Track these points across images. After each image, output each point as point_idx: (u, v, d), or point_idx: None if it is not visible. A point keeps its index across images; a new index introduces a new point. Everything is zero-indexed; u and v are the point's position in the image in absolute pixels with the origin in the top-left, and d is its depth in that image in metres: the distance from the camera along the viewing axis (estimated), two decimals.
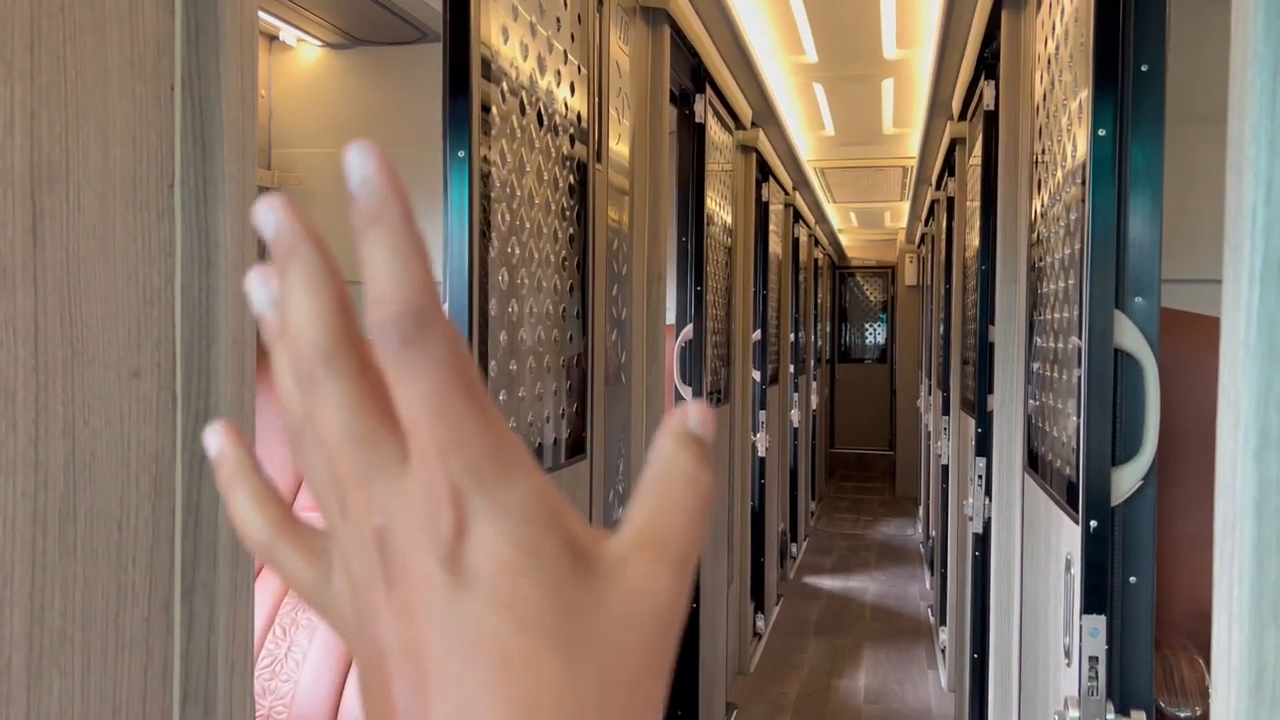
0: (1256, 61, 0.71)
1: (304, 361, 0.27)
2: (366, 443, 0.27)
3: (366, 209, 0.27)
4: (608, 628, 0.26)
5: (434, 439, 0.26)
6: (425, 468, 0.26)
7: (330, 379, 0.27)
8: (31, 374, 0.73)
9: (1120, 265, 1.31)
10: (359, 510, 0.27)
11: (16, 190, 0.71)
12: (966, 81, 3.18)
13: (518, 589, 0.26)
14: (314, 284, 0.28)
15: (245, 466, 0.31)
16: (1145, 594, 1.32)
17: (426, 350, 0.26)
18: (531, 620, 0.25)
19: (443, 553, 0.26)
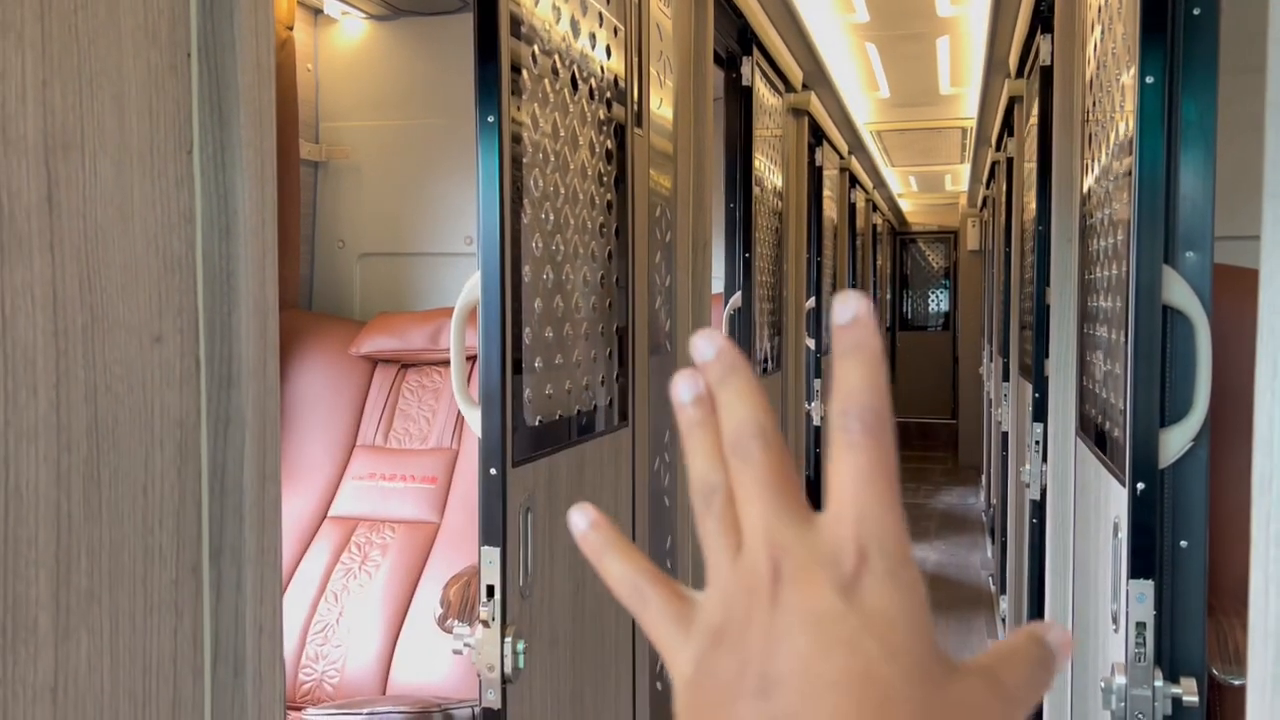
0: None
1: (742, 438, 0.36)
2: (781, 497, 0.35)
3: (850, 339, 0.35)
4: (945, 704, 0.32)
5: (855, 505, 0.34)
6: (838, 525, 0.34)
7: (763, 449, 0.35)
8: (51, 340, 0.74)
9: (1170, 219, 1.26)
10: (757, 547, 0.35)
11: (30, 158, 0.72)
12: (1023, 37, 3.09)
13: (894, 629, 0.32)
14: (754, 389, 0.36)
15: (611, 539, 0.40)
16: (1197, 558, 1.28)
17: (878, 440, 0.34)
18: (899, 654, 0.32)
19: (841, 584, 0.33)
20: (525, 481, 1.48)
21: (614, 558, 0.40)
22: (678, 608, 0.38)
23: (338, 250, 2.83)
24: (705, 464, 0.37)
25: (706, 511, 0.37)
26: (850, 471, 0.34)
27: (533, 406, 1.52)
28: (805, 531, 0.34)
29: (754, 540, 0.35)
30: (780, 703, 0.32)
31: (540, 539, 1.53)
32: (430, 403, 2.40)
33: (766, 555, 0.34)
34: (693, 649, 0.36)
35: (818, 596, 0.33)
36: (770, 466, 0.35)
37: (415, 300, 2.77)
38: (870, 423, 0.34)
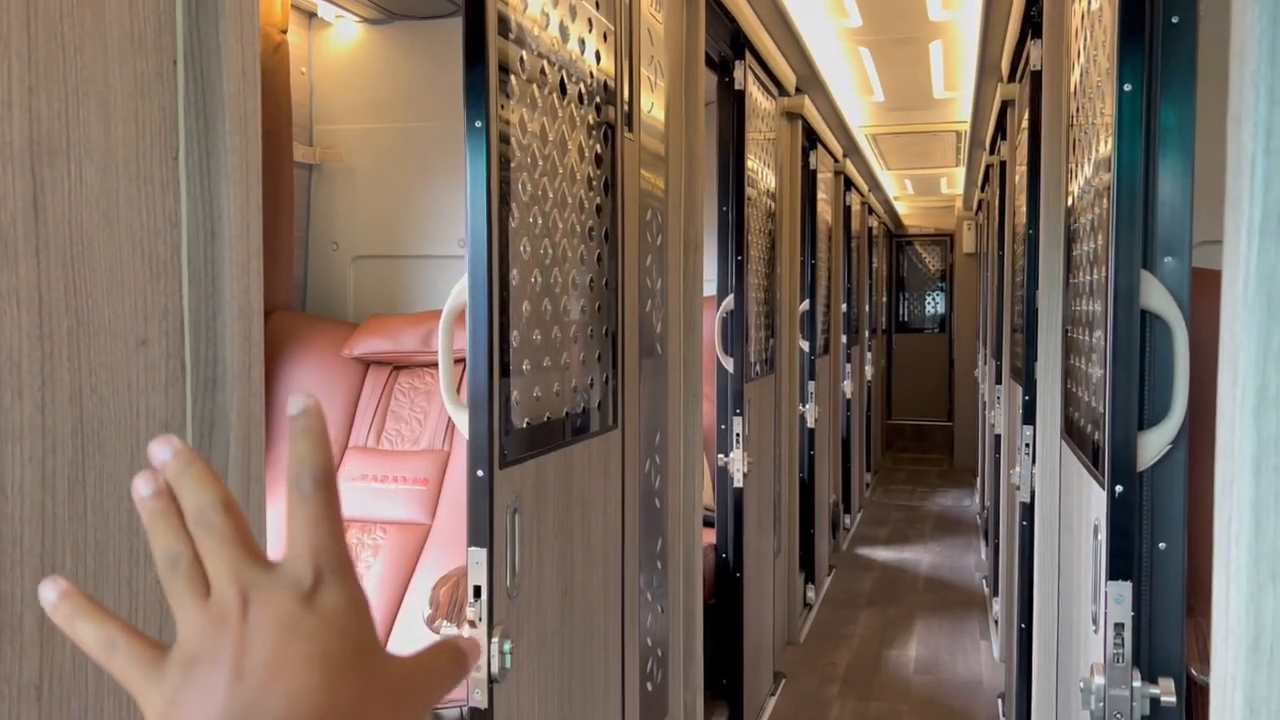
0: (1255, 6, 0.68)
1: (205, 510, 0.42)
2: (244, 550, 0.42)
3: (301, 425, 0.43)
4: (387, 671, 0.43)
5: (310, 540, 0.42)
6: (297, 559, 0.42)
7: (224, 516, 0.42)
8: (37, 343, 0.75)
9: (1149, 225, 1.27)
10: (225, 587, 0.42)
11: (16, 165, 0.73)
12: (1014, 42, 3.10)
13: (345, 623, 0.42)
14: (212, 476, 0.43)
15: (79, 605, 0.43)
16: (1175, 560, 1.29)
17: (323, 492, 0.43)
18: (349, 638, 0.42)
19: (302, 595, 0.42)
20: (513, 483, 1.49)
21: (83, 621, 0.43)
22: (149, 654, 0.42)
23: (331, 252, 2.84)
24: (170, 538, 0.42)
25: (174, 574, 0.42)
26: (304, 516, 0.42)
27: (521, 409, 1.53)
28: (269, 570, 0.42)
29: (222, 584, 0.42)
30: (252, 682, 0.40)
31: (528, 540, 1.54)
32: (422, 404, 2.41)
33: (236, 590, 0.42)
34: (167, 684, 0.41)
35: (283, 607, 0.41)
36: (231, 529, 0.42)
37: (408, 303, 2.78)
38: (320, 478, 0.43)
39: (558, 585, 1.67)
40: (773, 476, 3.86)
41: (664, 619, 2.33)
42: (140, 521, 0.84)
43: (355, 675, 0.41)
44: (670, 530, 2.36)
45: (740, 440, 3.13)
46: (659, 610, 2.31)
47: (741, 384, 3.15)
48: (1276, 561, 0.69)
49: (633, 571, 2.07)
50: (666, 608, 2.34)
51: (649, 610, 2.25)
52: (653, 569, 2.28)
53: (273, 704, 0.40)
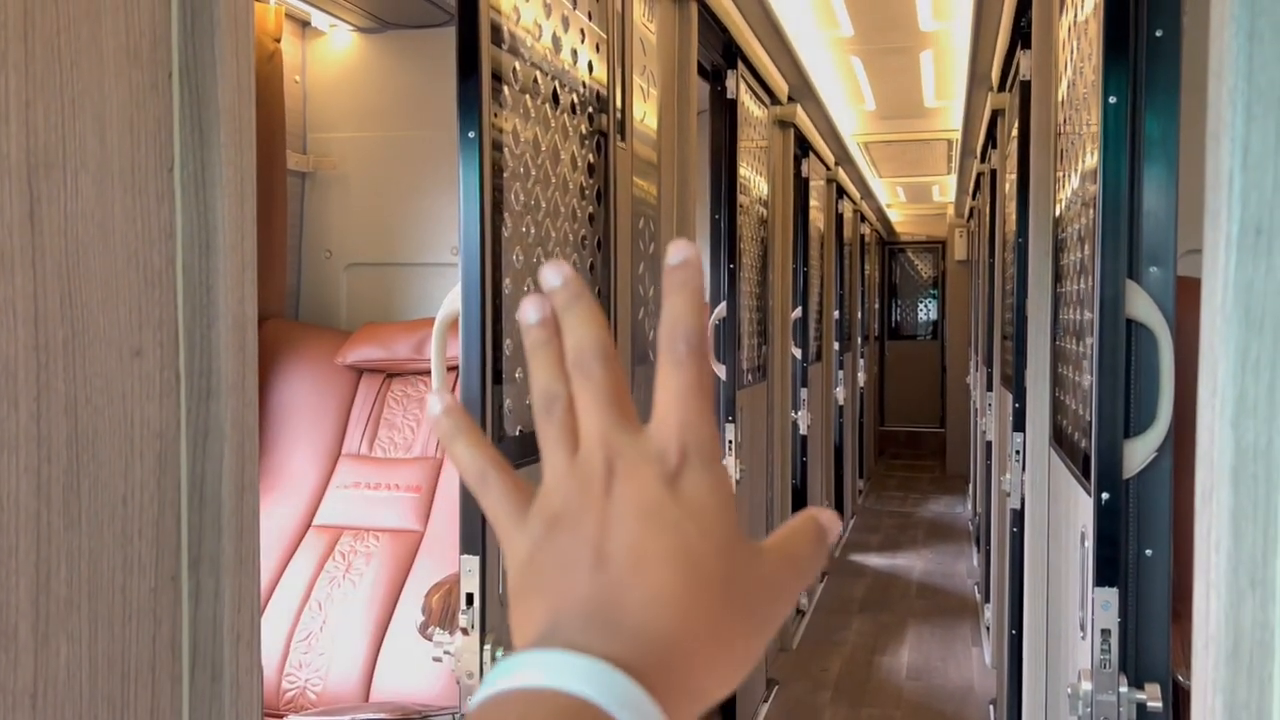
0: (1233, 23, 0.70)
1: (584, 355, 0.40)
2: (616, 409, 0.40)
3: (679, 278, 0.40)
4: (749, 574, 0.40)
5: (679, 414, 0.40)
6: (663, 430, 0.40)
7: (603, 366, 0.40)
8: (32, 353, 0.76)
9: (1134, 235, 1.29)
10: (593, 448, 0.40)
11: (13, 177, 0.74)
12: (1004, 52, 3.12)
13: (708, 515, 0.39)
14: (597, 314, 0.41)
15: (463, 425, 0.43)
16: (1161, 566, 1.30)
17: (698, 361, 0.40)
18: (712, 534, 0.39)
19: (665, 477, 0.39)
20: None
21: (463, 443, 0.42)
22: (517, 496, 0.42)
23: (324, 260, 2.85)
24: (549, 377, 0.41)
25: (548, 418, 0.41)
26: (675, 386, 0.40)
27: (514, 416, 1.54)
28: (636, 437, 0.40)
29: (591, 443, 0.40)
30: (614, 573, 0.38)
31: None
32: (415, 412, 2.41)
33: (602, 455, 0.40)
34: (529, 533, 0.40)
35: (646, 488, 0.39)
36: (608, 382, 0.40)
37: (402, 310, 2.79)
38: (694, 344, 0.40)
39: None
40: (765, 483, 3.87)
41: None
42: (134, 531, 0.85)
43: (716, 582, 0.38)
44: None
45: (732, 447, 3.15)
46: None
47: (734, 391, 3.16)
48: (1255, 569, 0.70)
49: None
50: None
51: None
52: None
53: (630, 603, 0.38)
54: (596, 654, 0.36)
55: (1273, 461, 0.70)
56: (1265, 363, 0.70)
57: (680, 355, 0.40)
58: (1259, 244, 0.69)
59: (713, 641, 0.38)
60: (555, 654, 0.36)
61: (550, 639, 0.38)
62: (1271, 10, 0.69)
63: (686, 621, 0.38)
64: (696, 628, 0.38)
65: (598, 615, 0.38)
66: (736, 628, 0.39)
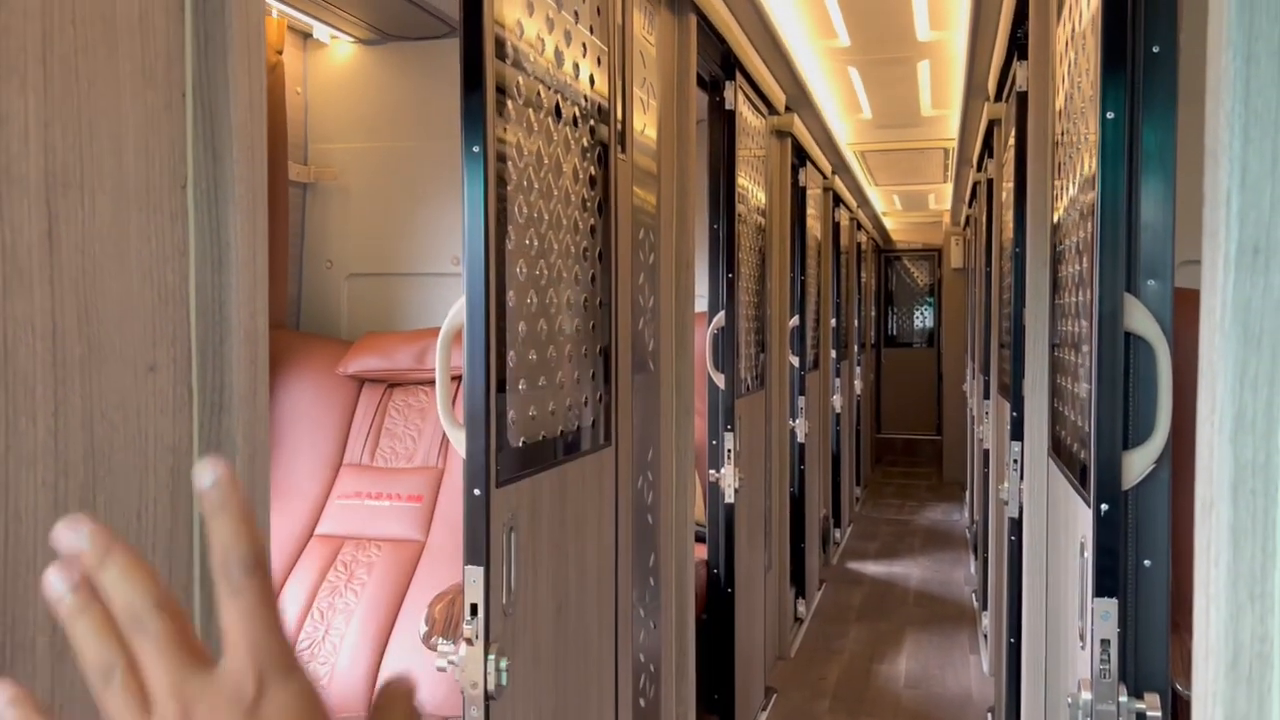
0: (1230, 47, 0.71)
1: (137, 611, 0.39)
2: (184, 655, 0.39)
3: (214, 500, 0.40)
4: None
5: (247, 639, 0.40)
6: (236, 662, 0.40)
7: (159, 617, 0.39)
8: (50, 370, 0.77)
9: (1131, 249, 1.30)
10: (166, 703, 0.39)
11: (32, 197, 0.75)
12: (1000, 62, 3.15)
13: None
14: (137, 562, 0.40)
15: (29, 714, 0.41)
16: (1160, 577, 1.32)
17: (257, 581, 0.40)
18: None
19: (245, 708, 0.39)
20: (509, 501, 1.51)
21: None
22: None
23: (325, 270, 2.86)
24: (99, 645, 0.39)
25: (108, 689, 0.40)
26: (238, 613, 0.40)
27: (517, 427, 1.55)
28: (210, 679, 0.40)
29: (163, 698, 0.39)
30: None
31: (523, 558, 1.56)
32: (416, 422, 2.42)
33: (177, 709, 0.39)
34: None
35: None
36: (169, 630, 0.39)
37: (402, 320, 2.80)
38: (249, 566, 0.40)
39: (552, 602, 1.68)
40: (763, 491, 3.89)
41: (656, 635, 2.35)
42: (147, 546, 0.86)
43: None
44: (662, 546, 2.37)
45: (731, 456, 3.16)
46: (651, 626, 2.33)
47: (732, 399, 3.17)
48: (1254, 583, 0.71)
49: (626, 588, 2.09)
50: (659, 623, 2.36)
51: (642, 626, 2.26)
52: (645, 585, 2.29)
53: None
54: None
55: (1271, 476, 0.71)
56: (1263, 379, 0.71)
57: (237, 582, 0.40)
58: (1256, 262, 0.71)
59: None
60: None
61: None
62: (1268, 34, 0.71)
63: None
64: None
65: None
66: None
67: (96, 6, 0.81)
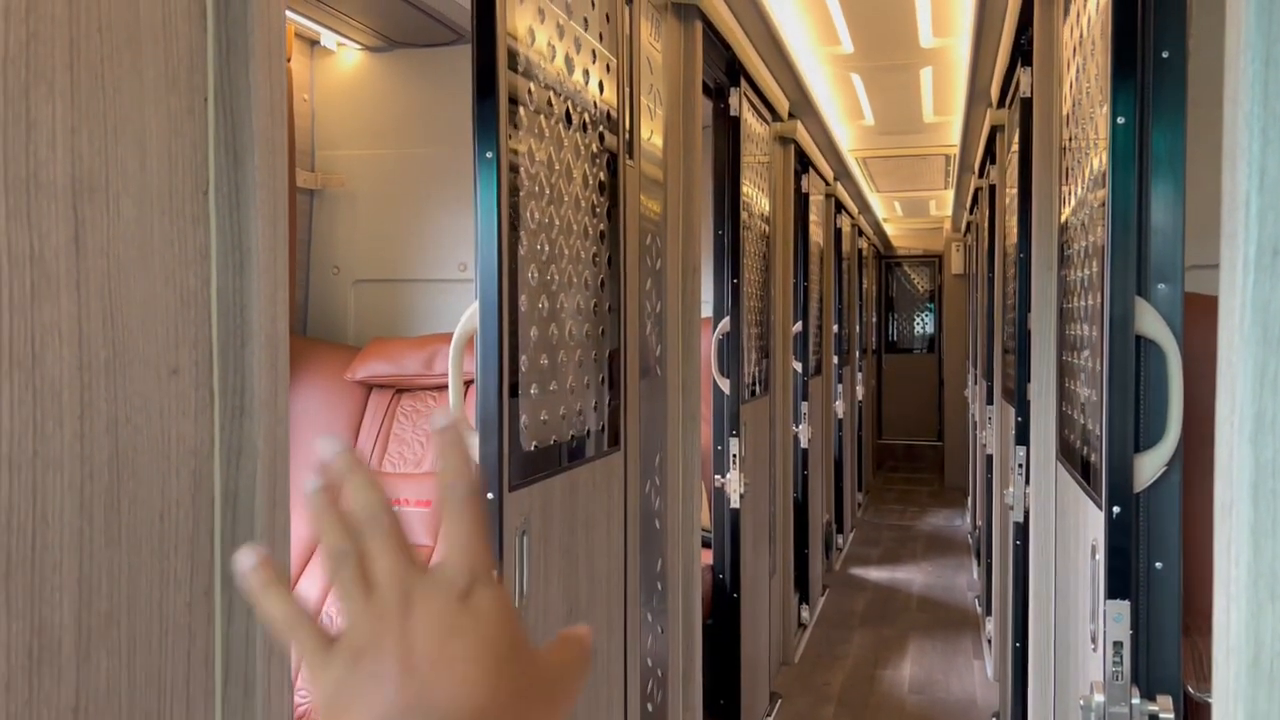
0: (1249, 50, 0.72)
1: (374, 510, 0.47)
2: (405, 553, 0.47)
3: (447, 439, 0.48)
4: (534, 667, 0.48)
5: (464, 548, 0.47)
6: (451, 563, 0.47)
7: (390, 519, 0.47)
8: (76, 374, 0.77)
9: (1142, 253, 1.31)
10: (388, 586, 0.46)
11: (59, 202, 0.76)
12: (1004, 69, 3.16)
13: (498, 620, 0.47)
14: (375, 479, 0.48)
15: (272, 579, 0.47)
16: (1172, 579, 1.32)
17: (474, 503, 0.48)
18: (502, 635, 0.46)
19: (459, 594, 0.46)
20: (521, 506, 1.52)
21: (272, 595, 0.47)
22: (322, 640, 0.47)
23: (332, 276, 2.86)
24: (337, 535, 0.47)
25: (340, 570, 0.47)
26: (459, 527, 0.47)
27: (528, 432, 1.56)
28: (427, 571, 0.47)
29: (385, 582, 0.46)
30: (420, 677, 0.44)
31: (535, 562, 1.56)
32: (424, 427, 2.43)
33: (397, 590, 0.46)
34: (334, 670, 0.45)
35: (442, 606, 0.46)
36: (396, 531, 0.47)
37: (409, 326, 2.81)
38: (470, 492, 0.48)
39: (563, 607, 1.69)
40: (768, 497, 3.89)
41: (663, 639, 2.35)
42: (170, 548, 0.86)
43: (511, 669, 0.46)
44: (670, 551, 2.38)
45: (737, 461, 3.16)
46: (659, 631, 2.33)
47: (738, 405, 3.18)
48: (1275, 582, 0.72)
49: (634, 592, 2.09)
50: (666, 628, 2.36)
51: (649, 631, 2.26)
52: (652, 590, 2.30)
53: (440, 694, 0.44)
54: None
55: None
56: None
57: (460, 501, 0.47)
58: (1276, 264, 0.71)
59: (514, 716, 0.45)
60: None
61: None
62: None
63: (491, 700, 0.45)
64: (500, 705, 0.45)
65: (413, 709, 0.44)
66: (530, 705, 0.47)
67: (122, 13, 0.82)
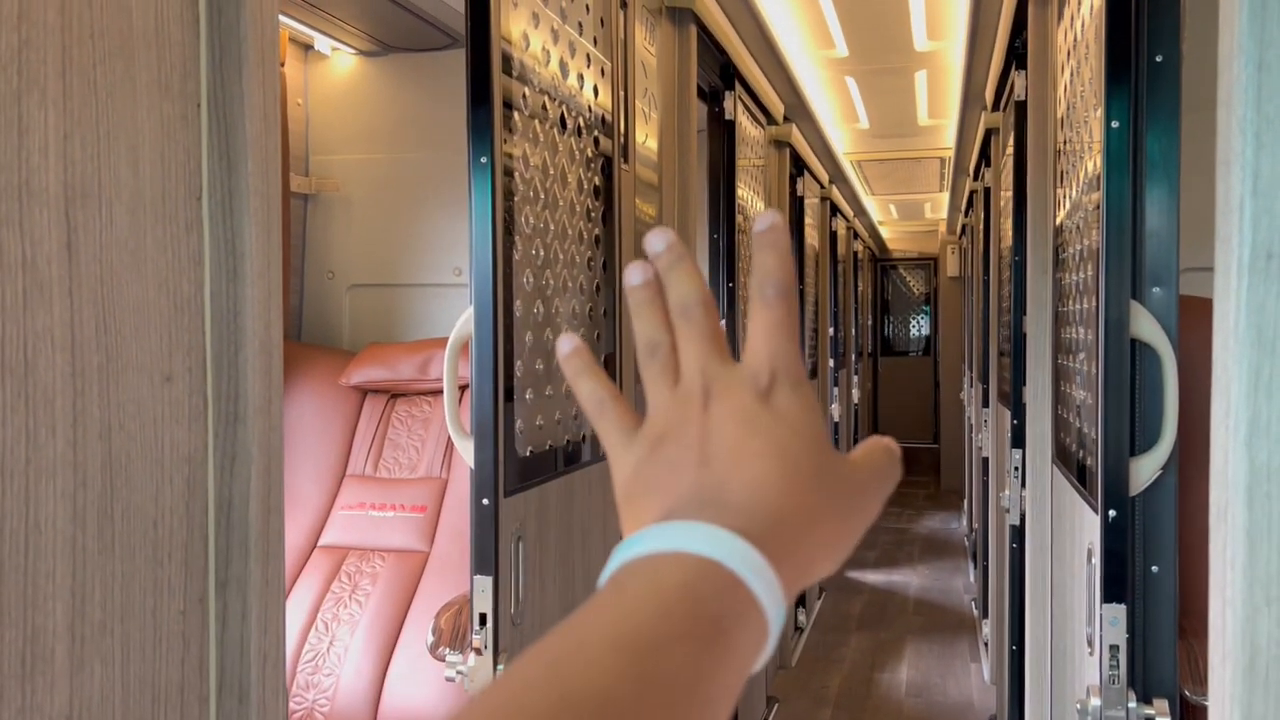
0: (1242, 55, 0.72)
1: (689, 303, 0.46)
2: (714, 345, 0.46)
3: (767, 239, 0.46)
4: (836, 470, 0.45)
5: (768, 344, 0.45)
6: (756, 359, 0.45)
7: (704, 313, 0.46)
8: (69, 381, 0.77)
9: (1136, 256, 1.31)
10: (693, 377, 0.45)
11: (52, 209, 0.76)
12: (998, 72, 3.16)
13: (798, 421, 0.45)
14: (698, 274, 0.47)
15: (588, 363, 0.49)
16: (1167, 583, 1.32)
17: (785, 302, 0.46)
18: (802, 436, 0.44)
19: (759, 392, 0.45)
20: (517, 511, 1.51)
21: (586, 378, 0.48)
22: (628, 421, 0.47)
23: (327, 281, 2.86)
24: (652, 327, 0.47)
25: (652, 360, 0.47)
26: (765, 323, 0.45)
27: (524, 437, 1.55)
28: (731, 367, 0.46)
29: (690, 373, 0.46)
30: (718, 467, 0.43)
31: (531, 567, 1.56)
32: (420, 432, 2.42)
33: (701, 382, 0.45)
34: (636, 451, 0.46)
35: (742, 401, 0.45)
36: (708, 325, 0.46)
37: (404, 331, 2.80)
38: (782, 289, 0.45)
39: (560, 611, 1.68)
40: None
41: None
42: (163, 555, 0.86)
43: (808, 471, 0.44)
44: None
45: None
46: None
47: None
48: (1270, 585, 0.72)
49: None
50: None
51: None
52: None
53: (735, 488, 0.43)
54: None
55: None
56: (1277, 384, 0.71)
57: (770, 297, 0.45)
58: (1270, 268, 0.72)
59: (809, 520, 0.43)
60: (677, 525, 0.41)
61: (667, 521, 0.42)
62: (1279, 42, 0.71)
63: (786, 500, 0.43)
64: (795, 507, 0.43)
65: (707, 499, 0.42)
66: (829, 512, 0.44)
67: (114, 20, 0.81)
